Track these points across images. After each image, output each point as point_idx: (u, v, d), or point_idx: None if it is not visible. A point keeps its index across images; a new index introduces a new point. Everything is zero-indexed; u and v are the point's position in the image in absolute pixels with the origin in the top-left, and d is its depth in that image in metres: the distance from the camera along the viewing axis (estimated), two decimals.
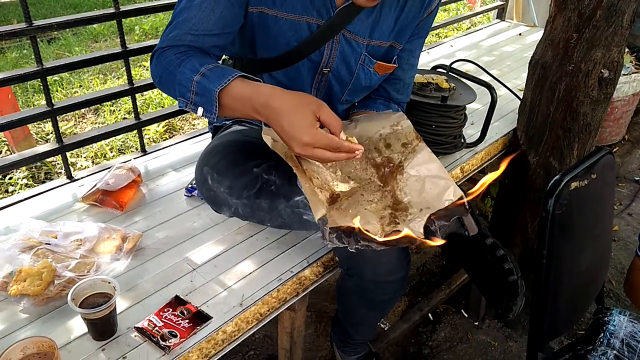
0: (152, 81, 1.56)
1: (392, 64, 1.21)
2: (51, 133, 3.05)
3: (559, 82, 1.60)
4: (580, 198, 1.19)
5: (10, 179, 2.60)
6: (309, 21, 1.08)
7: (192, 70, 0.96)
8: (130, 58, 1.47)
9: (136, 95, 1.55)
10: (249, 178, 1.11)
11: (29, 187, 2.56)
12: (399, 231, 0.93)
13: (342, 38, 1.11)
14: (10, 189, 2.56)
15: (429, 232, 0.94)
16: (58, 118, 1.38)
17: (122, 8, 1.38)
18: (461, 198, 0.99)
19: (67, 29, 2.68)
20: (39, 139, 3.01)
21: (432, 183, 1.03)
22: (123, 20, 1.41)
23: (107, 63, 2.30)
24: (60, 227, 1.12)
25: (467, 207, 0.98)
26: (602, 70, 1.59)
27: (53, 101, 1.35)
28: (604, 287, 1.49)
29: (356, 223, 0.92)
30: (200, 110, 0.97)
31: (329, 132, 0.92)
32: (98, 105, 3.25)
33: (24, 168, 2.65)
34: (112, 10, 1.37)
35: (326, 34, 1.08)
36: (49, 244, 1.09)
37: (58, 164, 2.78)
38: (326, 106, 0.92)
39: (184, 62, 0.98)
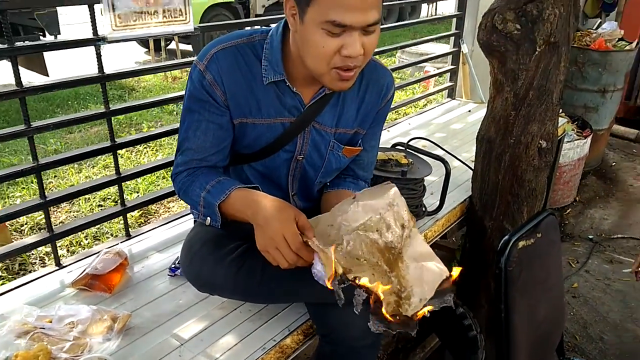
0: (135, 170, 1.71)
1: (358, 146, 1.37)
2: (25, 224, 3.09)
3: (503, 154, 1.80)
4: (529, 255, 1.34)
5: None
6: (282, 121, 1.23)
7: (199, 188, 1.17)
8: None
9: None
10: (228, 261, 1.23)
11: (3, 279, 2.57)
12: (406, 316, 0.97)
13: (313, 129, 1.27)
14: None
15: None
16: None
17: (112, 107, 1.54)
18: (446, 280, 1.03)
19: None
20: (12, 231, 3.03)
21: (429, 271, 1.05)
22: None
23: None
24: (56, 311, 1.19)
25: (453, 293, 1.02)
26: (540, 142, 1.80)
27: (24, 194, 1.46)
28: (564, 338, 1.60)
29: (379, 291, 0.95)
30: (208, 220, 1.17)
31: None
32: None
33: None
34: (102, 110, 1.53)
35: (298, 128, 1.24)
36: (43, 328, 1.15)
37: (32, 254, 2.80)
38: (304, 216, 1.07)
39: (194, 182, 1.19)
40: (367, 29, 1.04)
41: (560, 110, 2.98)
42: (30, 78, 3.75)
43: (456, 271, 1.02)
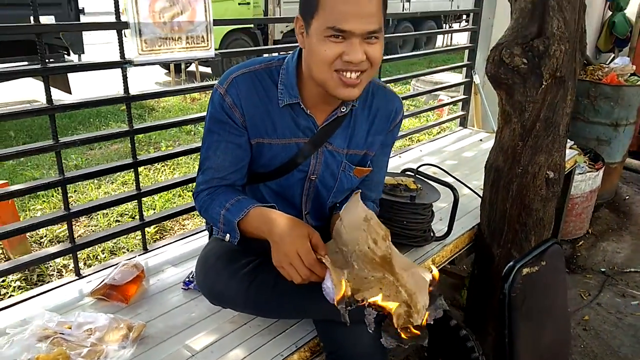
0: (155, 187, 1.78)
1: (368, 167, 1.43)
2: (44, 236, 3.17)
3: (511, 183, 1.84)
4: (533, 282, 1.37)
5: (3, 281, 2.67)
6: (297, 141, 1.30)
7: (219, 206, 1.24)
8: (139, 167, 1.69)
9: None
10: (241, 275, 1.28)
11: (22, 289, 2.64)
12: (417, 326, 1.02)
13: (325, 150, 1.34)
14: (3, 291, 2.63)
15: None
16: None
17: (135, 126, 1.62)
18: (430, 283, 1.09)
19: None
20: (32, 243, 3.12)
21: (420, 278, 1.10)
22: None
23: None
24: (75, 318, 1.25)
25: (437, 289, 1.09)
26: (548, 172, 1.84)
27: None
28: None
29: (393, 308, 1.00)
30: (227, 236, 1.23)
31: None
32: None
33: None
34: (126, 128, 1.61)
35: (311, 148, 1.31)
36: (63, 333, 1.21)
37: (50, 266, 2.87)
38: (318, 233, 1.13)
39: (214, 200, 1.27)
40: (368, 38, 1.11)
41: (573, 143, 3.03)
42: (54, 95, 3.87)
43: (436, 271, 1.09)
